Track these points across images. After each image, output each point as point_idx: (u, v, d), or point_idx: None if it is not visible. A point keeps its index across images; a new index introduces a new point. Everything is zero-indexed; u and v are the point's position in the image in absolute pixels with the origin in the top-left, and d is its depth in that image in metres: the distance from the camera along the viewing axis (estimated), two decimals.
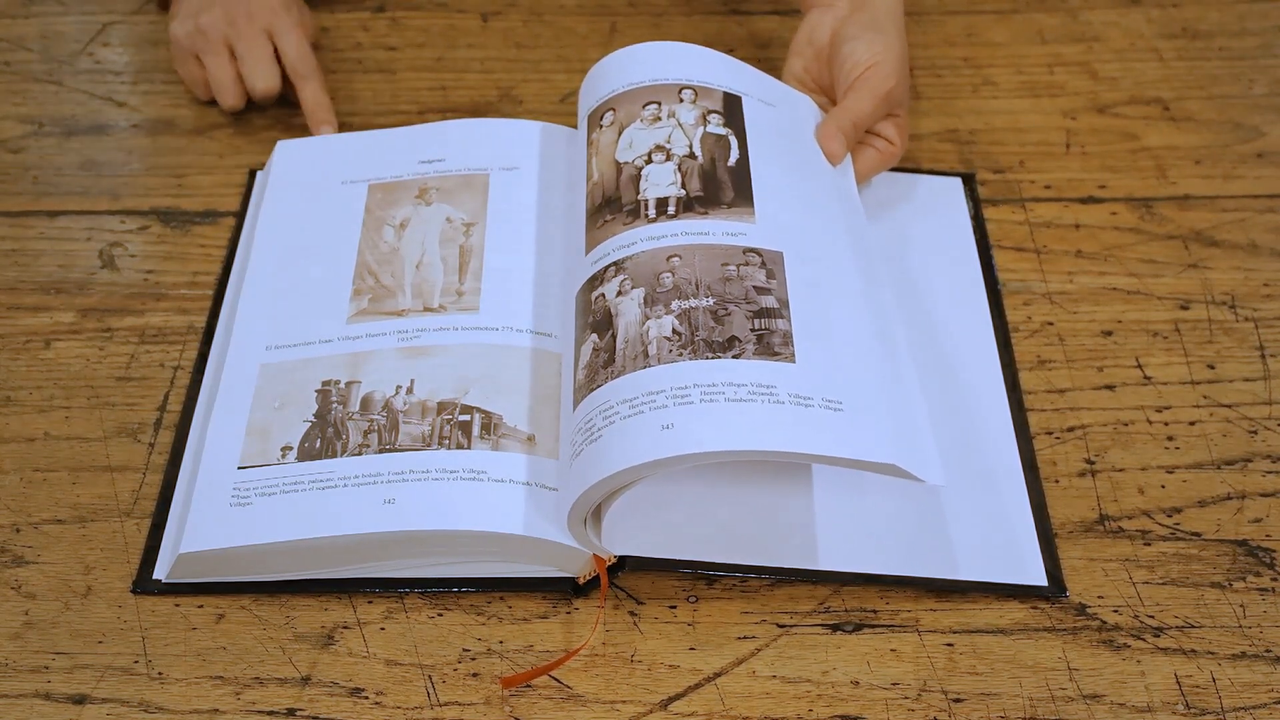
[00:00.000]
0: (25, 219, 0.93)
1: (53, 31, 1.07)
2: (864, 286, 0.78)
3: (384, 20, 1.08)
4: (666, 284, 0.74)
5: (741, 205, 0.79)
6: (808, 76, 0.92)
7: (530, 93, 1.02)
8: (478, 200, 0.87)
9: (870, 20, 0.88)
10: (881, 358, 0.74)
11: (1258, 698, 0.69)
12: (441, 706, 0.69)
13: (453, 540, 0.71)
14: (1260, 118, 1.00)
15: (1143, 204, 0.94)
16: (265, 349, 0.80)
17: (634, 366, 0.71)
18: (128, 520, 0.76)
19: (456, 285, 0.82)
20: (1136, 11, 1.08)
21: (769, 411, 0.68)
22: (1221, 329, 0.86)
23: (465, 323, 0.80)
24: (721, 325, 0.72)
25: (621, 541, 0.72)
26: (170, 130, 0.99)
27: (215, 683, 0.70)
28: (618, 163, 0.82)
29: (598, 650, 0.71)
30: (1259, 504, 0.77)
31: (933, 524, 0.75)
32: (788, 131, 0.86)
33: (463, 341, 0.79)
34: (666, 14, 1.08)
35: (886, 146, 0.89)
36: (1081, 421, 0.81)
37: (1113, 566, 0.74)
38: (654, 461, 0.66)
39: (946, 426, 0.78)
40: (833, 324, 0.74)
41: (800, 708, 0.69)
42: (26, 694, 0.69)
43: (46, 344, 0.85)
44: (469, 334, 0.79)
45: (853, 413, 0.69)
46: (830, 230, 0.80)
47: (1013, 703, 0.69)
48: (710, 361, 0.70)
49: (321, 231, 0.87)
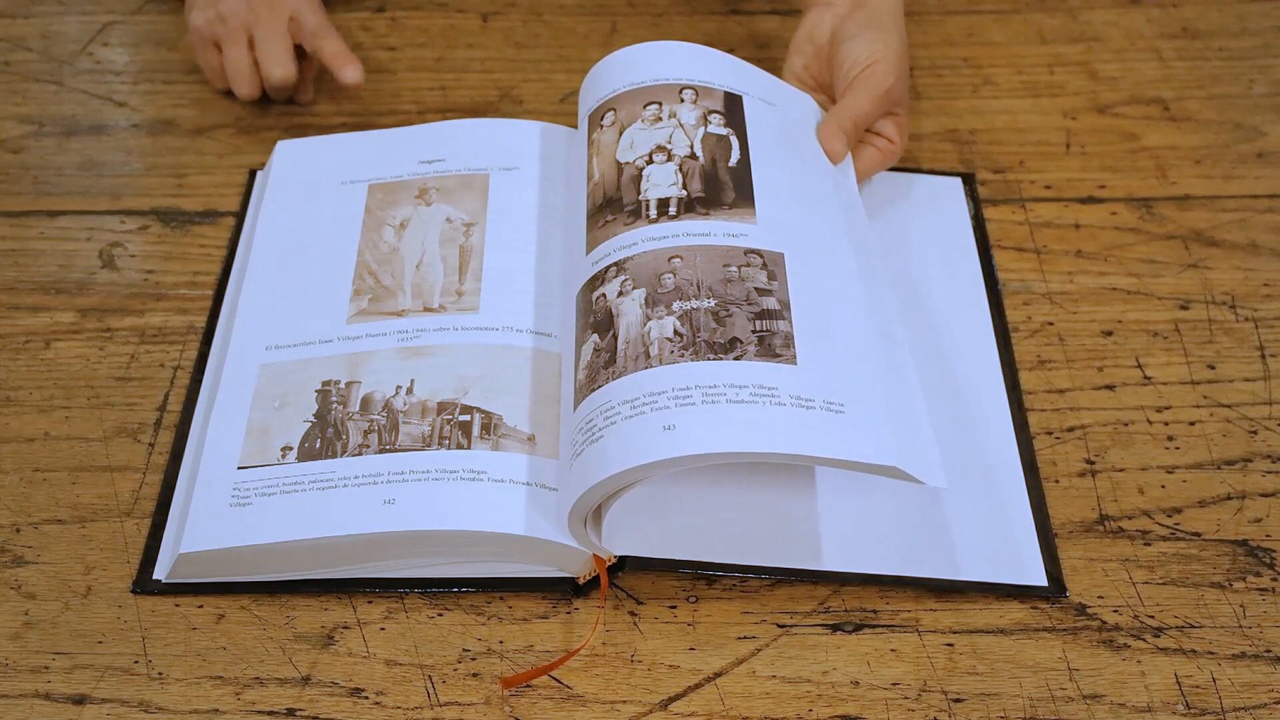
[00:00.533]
0: (25, 219, 0.93)
1: (53, 31, 1.07)
2: (865, 287, 0.78)
3: (384, 20, 1.08)
4: (668, 285, 0.74)
5: (743, 206, 0.79)
6: (808, 75, 0.92)
7: (530, 93, 1.02)
8: (478, 200, 0.87)
9: (870, 18, 0.89)
10: (883, 359, 0.74)
11: (1258, 698, 0.69)
12: (441, 706, 0.69)
13: (453, 540, 0.71)
14: (1260, 118, 1.00)
15: (1143, 204, 0.94)
16: (265, 349, 0.80)
17: (635, 367, 0.71)
18: (128, 520, 0.76)
19: (456, 285, 0.82)
20: (1136, 11, 1.08)
21: (770, 413, 0.68)
22: (1221, 329, 0.86)
23: (465, 323, 0.80)
24: (723, 326, 0.72)
25: (621, 541, 0.72)
26: (170, 130, 0.99)
27: (215, 683, 0.70)
28: (619, 163, 0.82)
29: (598, 650, 0.71)
30: (1259, 504, 0.77)
31: (933, 524, 0.75)
32: (789, 131, 0.86)
33: (463, 341, 0.79)
34: (666, 14, 1.08)
35: (887, 145, 0.89)
36: (1081, 421, 0.81)
37: (1113, 566, 0.74)
38: (655, 462, 0.66)
39: (946, 426, 0.78)
40: (834, 325, 0.74)
41: (800, 708, 0.69)
42: (26, 694, 0.69)
43: (47, 344, 0.85)
44: (469, 334, 0.79)
45: (854, 415, 0.69)
46: (832, 231, 0.80)
47: (1013, 703, 0.69)
48: (712, 363, 0.70)
49: (321, 232, 0.87)
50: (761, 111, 0.85)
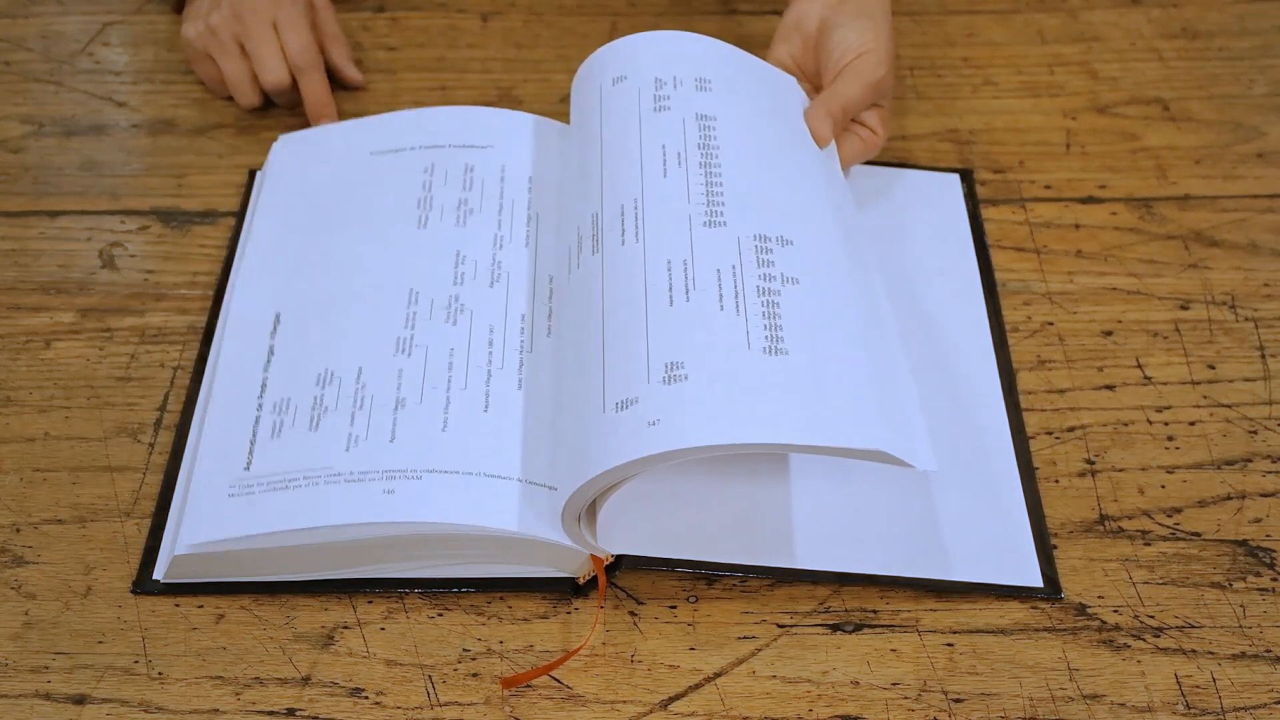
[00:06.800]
0: (25, 219, 0.93)
1: (53, 31, 1.07)
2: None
3: (384, 20, 1.08)
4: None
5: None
6: (794, 64, 0.92)
7: (530, 93, 1.02)
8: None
9: (860, 9, 0.89)
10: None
11: (1258, 698, 0.69)
12: (441, 706, 0.69)
13: (450, 539, 0.71)
14: (1260, 118, 1.00)
15: (1143, 204, 0.94)
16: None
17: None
18: (128, 520, 0.76)
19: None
20: (1136, 11, 1.08)
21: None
22: (1221, 329, 0.86)
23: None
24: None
25: (618, 540, 0.72)
26: (170, 130, 0.99)
27: (215, 683, 0.70)
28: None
29: (598, 650, 0.71)
30: (1259, 504, 0.77)
31: (931, 524, 0.75)
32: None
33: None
34: (666, 14, 1.08)
35: (869, 135, 0.89)
36: (1081, 421, 0.81)
37: (1113, 566, 0.74)
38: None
39: (943, 426, 0.78)
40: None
41: (800, 708, 0.69)
42: (26, 694, 0.69)
43: (46, 344, 0.85)
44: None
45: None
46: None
47: (1013, 703, 0.69)
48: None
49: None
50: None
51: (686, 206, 0.76)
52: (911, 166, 0.95)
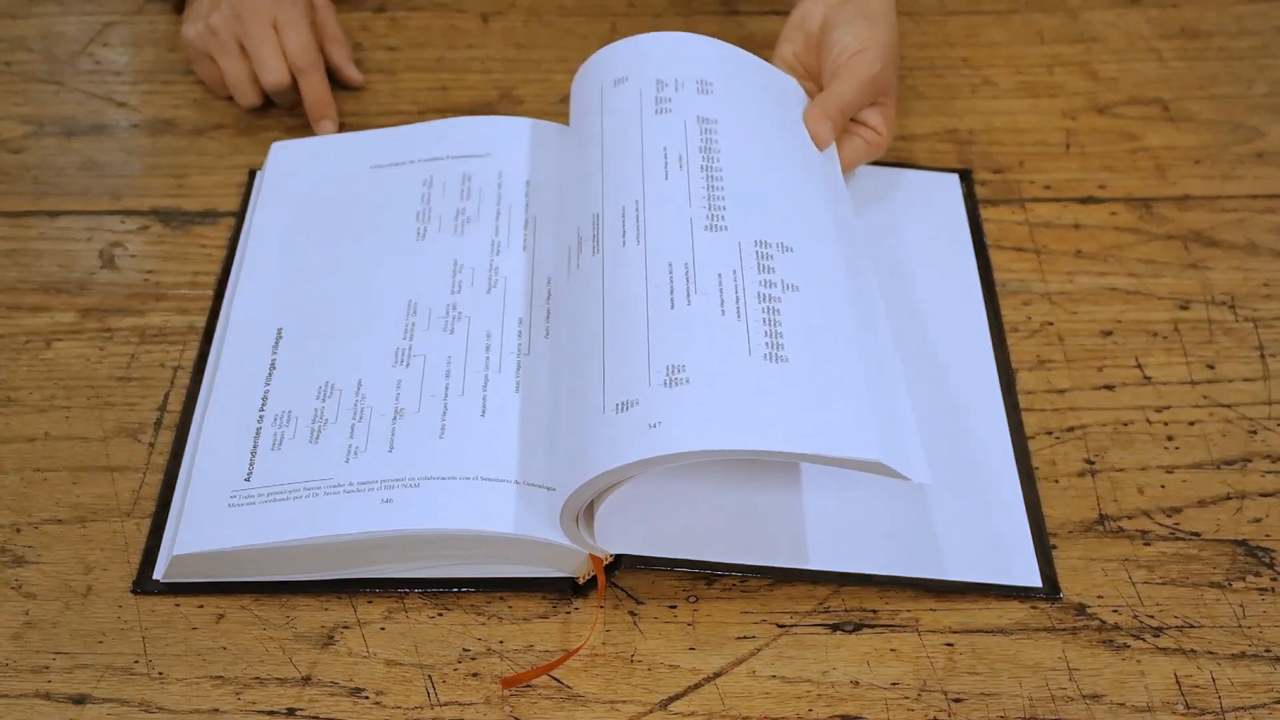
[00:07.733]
0: (25, 219, 0.93)
1: (53, 31, 1.07)
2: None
3: (384, 20, 1.08)
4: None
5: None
6: (798, 63, 0.92)
7: (530, 93, 1.02)
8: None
9: (860, 9, 0.89)
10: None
11: (1257, 698, 0.69)
12: (441, 706, 0.69)
13: (448, 541, 0.71)
14: (1260, 118, 1.00)
15: (1142, 204, 0.94)
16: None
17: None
18: (128, 520, 0.76)
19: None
20: (1136, 11, 1.08)
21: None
22: (1221, 329, 0.86)
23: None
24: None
25: (616, 540, 0.72)
26: (170, 130, 0.99)
27: (215, 683, 0.70)
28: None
29: (598, 650, 0.71)
30: (1259, 504, 0.77)
31: (930, 525, 0.75)
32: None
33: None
34: (665, 14, 1.08)
35: (873, 136, 0.89)
36: (1081, 421, 0.81)
37: (1112, 566, 0.74)
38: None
39: (943, 426, 0.78)
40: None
41: (800, 708, 0.69)
42: (26, 694, 0.69)
43: (47, 344, 0.85)
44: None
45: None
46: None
47: (1013, 703, 0.69)
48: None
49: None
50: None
51: (688, 209, 0.76)
52: (911, 166, 0.95)
